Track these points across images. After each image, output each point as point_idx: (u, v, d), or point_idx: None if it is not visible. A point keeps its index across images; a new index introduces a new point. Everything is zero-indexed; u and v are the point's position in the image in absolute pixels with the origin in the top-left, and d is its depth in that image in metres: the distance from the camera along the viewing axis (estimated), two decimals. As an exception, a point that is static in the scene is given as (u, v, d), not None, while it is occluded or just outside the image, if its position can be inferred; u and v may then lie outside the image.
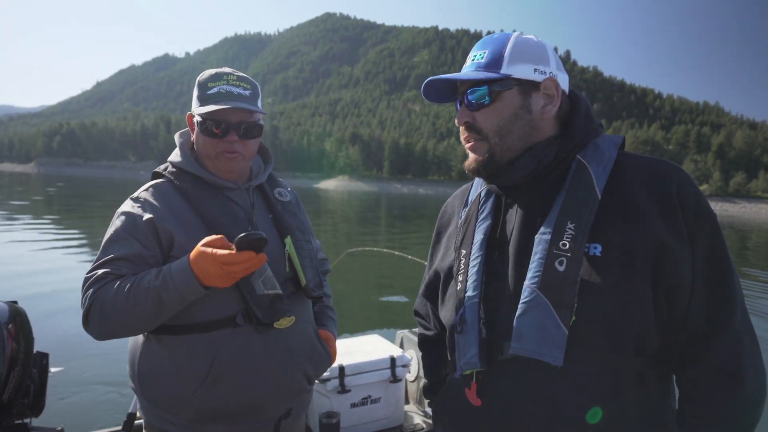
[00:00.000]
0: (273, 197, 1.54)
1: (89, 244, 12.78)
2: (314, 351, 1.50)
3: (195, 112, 1.40)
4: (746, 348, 0.92)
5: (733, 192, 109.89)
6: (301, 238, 1.51)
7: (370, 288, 9.51)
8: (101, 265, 1.29)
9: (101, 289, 1.24)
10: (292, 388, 1.44)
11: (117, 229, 1.34)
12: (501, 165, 1.03)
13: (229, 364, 1.31)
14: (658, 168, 0.97)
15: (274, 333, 1.36)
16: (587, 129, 1.03)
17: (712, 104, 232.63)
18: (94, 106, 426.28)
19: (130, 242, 1.31)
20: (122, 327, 1.26)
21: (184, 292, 1.22)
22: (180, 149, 1.47)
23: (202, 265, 1.19)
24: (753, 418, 0.93)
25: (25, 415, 1.83)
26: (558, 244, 0.93)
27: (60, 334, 5.55)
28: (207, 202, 1.39)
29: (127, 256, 1.29)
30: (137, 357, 1.38)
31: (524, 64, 1.00)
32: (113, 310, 1.22)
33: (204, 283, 1.21)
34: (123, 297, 1.21)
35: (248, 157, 1.44)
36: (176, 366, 1.32)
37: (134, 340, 1.42)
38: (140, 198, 1.39)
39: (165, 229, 1.32)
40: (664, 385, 0.99)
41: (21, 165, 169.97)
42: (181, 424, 1.34)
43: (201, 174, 1.41)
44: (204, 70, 1.44)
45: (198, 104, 1.39)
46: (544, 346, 0.90)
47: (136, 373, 1.38)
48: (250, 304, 1.32)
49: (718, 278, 0.93)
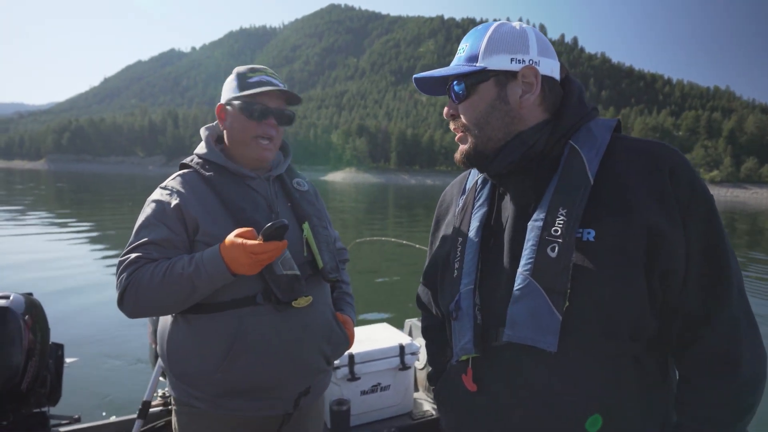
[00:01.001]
0: (291, 187, 1.63)
1: (101, 236, 12.96)
2: (332, 332, 1.56)
3: (234, 97, 1.48)
4: (743, 331, 0.92)
5: (745, 178, 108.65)
6: (318, 224, 1.59)
7: (378, 277, 9.51)
8: (133, 249, 1.38)
9: (135, 273, 1.34)
10: (310, 366, 1.50)
11: (147, 215, 1.43)
12: (487, 154, 1.04)
13: (250, 340, 1.38)
14: (651, 151, 0.96)
15: (293, 312, 1.44)
16: (580, 114, 1.02)
17: (723, 89, 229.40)
18: (102, 102, 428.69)
19: (160, 228, 1.40)
20: (155, 308, 1.37)
21: (215, 278, 1.31)
22: (205, 142, 1.57)
23: (234, 255, 1.29)
24: (751, 402, 0.92)
25: (43, 404, 1.89)
26: (550, 231, 0.93)
27: (75, 325, 5.65)
28: (230, 189, 1.47)
29: (157, 241, 1.38)
30: (166, 336, 1.47)
31: (500, 55, 1.00)
32: (148, 293, 1.32)
33: (233, 271, 1.31)
34: (157, 281, 1.31)
35: (277, 146, 1.55)
36: (201, 343, 1.40)
37: (163, 321, 1.51)
38: (168, 186, 1.48)
39: (190, 214, 1.41)
40: (662, 370, 0.99)
41: (31, 162, 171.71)
42: (206, 399, 1.42)
43: (225, 164, 1.51)
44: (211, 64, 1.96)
45: (237, 91, 1.49)
46: (537, 332, 0.90)
47: (165, 351, 1.47)
48: (269, 284, 1.40)
49: (713, 262, 0.92)
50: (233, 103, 1.49)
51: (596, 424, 0.92)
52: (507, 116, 1.01)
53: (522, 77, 1.00)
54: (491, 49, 1.01)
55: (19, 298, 1.80)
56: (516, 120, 1.02)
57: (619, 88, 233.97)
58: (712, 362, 0.92)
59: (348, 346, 1.65)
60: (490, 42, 1.01)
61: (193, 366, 1.41)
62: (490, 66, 1.00)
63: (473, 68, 1.01)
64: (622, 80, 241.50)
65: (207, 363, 1.39)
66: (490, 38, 1.01)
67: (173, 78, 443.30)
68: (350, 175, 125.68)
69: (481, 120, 1.02)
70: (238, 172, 1.51)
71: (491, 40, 1.01)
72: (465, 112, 1.04)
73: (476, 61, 1.02)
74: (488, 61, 1.00)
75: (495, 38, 1.01)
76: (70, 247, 11.24)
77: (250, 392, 1.42)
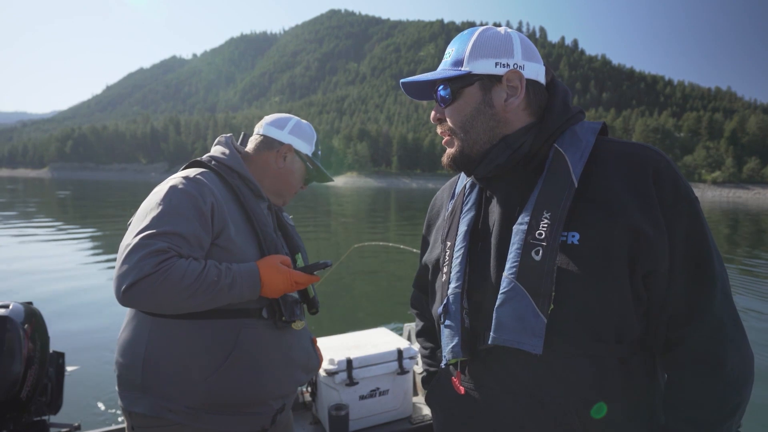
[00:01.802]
0: (283, 218, 1.69)
1: (103, 244, 13.08)
2: (312, 354, 1.63)
3: (310, 157, 1.66)
4: (727, 332, 0.92)
5: (747, 178, 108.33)
6: (306, 257, 1.69)
7: (377, 282, 9.52)
8: (160, 236, 1.24)
9: (165, 265, 1.20)
10: (291, 384, 1.52)
11: (179, 203, 1.30)
12: (473, 158, 1.05)
13: (246, 353, 1.37)
14: (635, 154, 0.97)
15: (290, 332, 1.49)
16: (564, 117, 1.03)
17: (724, 89, 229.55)
18: (104, 110, 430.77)
19: (192, 222, 1.30)
20: (165, 305, 1.23)
21: (245, 295, 1.32)
22: (229, 149, 1.53)
23: (275, 279, 1.34)
24: (737, 402, 0.92)
25: (43, 413, 1.88)
26: (534, 234, 0.93)
27: (75, 333, 5.68)
28: (252, 204, 1.48)
29: (187, 235, 1.27)
30: (145, 340, 1.34)
31: (485, 59, 1.01)
32: (173, 291, 1.20)
33: (263, 292, 1.34)
34: (188, 282, 1.21)
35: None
36: (192, 350, 1.33)
37: (134, 326, 1.38)
38: (200, 180, 1.38)
39: (222, 217, 1.36)
40: (649, 371, 0.99)
41: (35, 170, 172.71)
42: (182, 411, 1.33)
43: (250, 177, 1.50)
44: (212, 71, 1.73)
45: (310, 151, 1.66)
46: (522, 335, 0.91)
47: (143, 357, 1.33)
48: (280, 302, 1.43)
49: (696, 263, 0.92)
50: (303, 158, 1.63)
51: (601, 411, 0.93)
52: (492, 120, 1.02)
53: (507, 81, 1.01)
54: (476, 54, 1.02)
55: (18, 307, 1.81)
56: (501, 124, 1.03)
57: (620, 90, 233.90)
58: (696, 363, 0.92)
59: (319, 367, 1.71)
60: (475, 46, 1.02)
61: (176, 375, 1.32)
62: (475, 70, 1.01)
63: (458, 72, 1.02)
64: (623, 82, 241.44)
65: (195, 372, 1.32)
66: (475, 43, 1.03)
67: (175, 85, 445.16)
68: (352, 180, 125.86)
69: (467, 123, 1.03)
70: (256, 191, 1.52)
71: (476, 45, 1.03)
72: (451, 115, 1.05)
73: (461, 66, 1.03)
74: (473, 65, 1.02)
75: (479, 43, 1.02)
76: (73, 254, 11.29)
77: (231, 406, 1.39)
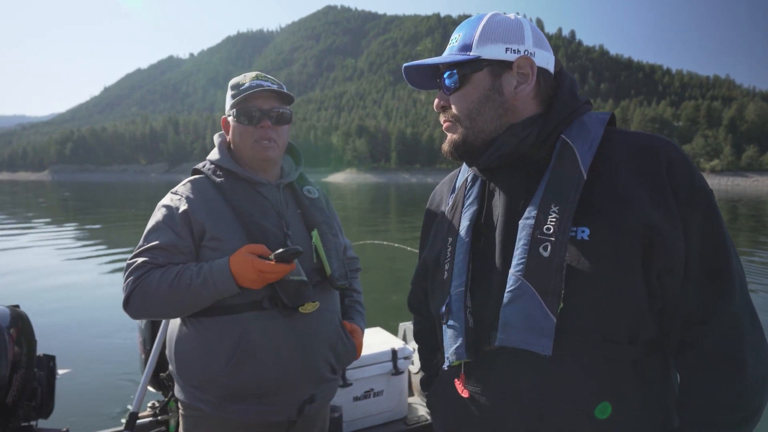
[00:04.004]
0: (302, 194, 1.64)
1: (102, 244, 13.29)
2: (338, 340, 1.55)
3: (229, 106, 1.54)
4: (746, 332, 0.87)
5: (745, 166, 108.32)
6: (328, 231, 1.60)
7: (373, 281, 9.41)
8: (141, 253, 1.41)
9: (142, 278, 1.37)
10: (314, 374, 1.49)
11: (157, 220, 1.46)
12: (477, 146, 1.01)
13: (255, 345, 1.39)
14: (647, 144, 0.92)
15: (299, 317, 1.44)
16: (571, 107, 0.98)
17: (722, 77, 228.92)
18: (102, 111, 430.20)
19: (167, 232, 1.43)
20: (160, 314, 1.43)
21: (222, 290, 1.35)
22: (218, 148, 1.59)
23: (242, 270, 1.33)
24: (756, 406, 0.87)
25: (33, 418, 1.84)
26: (542, 229, 0.89)
27: (68, 336, 5.65)
28: (239, 194, 1.49)
29: (163, 245, 1.41)
30: (174, 339, 1.49)
31: (495, 44, 0.97)
32: (154, 300, 1.35)
33: (240, 284, 1.35)
34: (164, 289, 1.34)
35: (281, 146, 1.56)
36: (206, 346, 1.41)
37: (172, 324, 1.53)
38: (178, 192, 1.51)
39: (197, 220, 1.43)
40: (663, 373, 0.95)
41: (35, 173, 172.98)
42: (211, 402, 1.43)
43: (236, 170, 1.52)
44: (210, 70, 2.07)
45: (231, 101, 1.53)
46: (531, 335, 0.87)
47: (173, 354, 1.49)
48: (276, 289, 1.40)
49: (713, 260, 0.88)
50: (231, 113, 1.53)
51: (606, 411, 0.89)
52: (500, 108, 0.98)
53: (517, 68, 0.97)
54: (486, 38, 0.98)
55: (4, 311, 1.80)
56: (509, 112, 0.99)
57: (618, 81, 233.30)
58: (714, 364, 0.87)
59: (355, 356, 1.64)
60: (485, 31, 0.98)
61: (199, 369, 1.43)
62: (485, 55, 0.97)
63: (467, 57, 0.98)
64: (620, 72, 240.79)
65: (212, 366, 1.40)
66: (485, 27, 0.98)
67: (173, 85, 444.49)
68: (351, 176, 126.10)
69: (474, 111, 0.99)
70: (248, 178, 1.52)
71: (485, 29, 0.98)
72: (457, 102, 1.01)
73: (470, 50, 0.98)
74: (482, 50, 0.98)
75: (489, 27, 0.98)
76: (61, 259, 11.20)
77: (253, 397, 1.43)
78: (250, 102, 1.49)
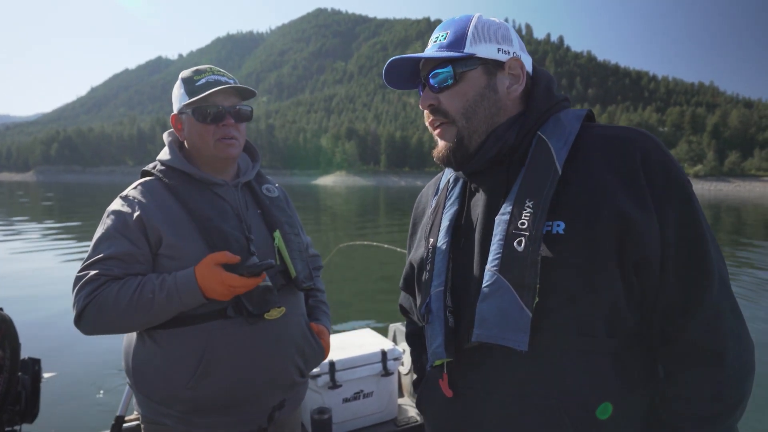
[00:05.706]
0: (261, 193, 1.56)
1: (77, 247, 13.39)
2: (306, 343, 1.51)
3: (184, 104, 1.41)
4: (727, 321, 0.87)
5: (728, 171, 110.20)
6: (290, 231, 1.53)
7: (363, 282, 9.50)
8: (92, 265, 1.30)
9: (97, 293, 1.27)
10: (283, 380, 1.44)
11: (107, 227, 1.35)
12: (470, 151, 1.00)
13: (220, 355, 1.33)
14: (621, 137, 0.92)
15: (265, 324, 1.38)
16: (548, 104, 0.99)
17: (707, 84, 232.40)
18: (89, 112, 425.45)
19: (120, 241, 1.32)
20: (117, 329, 1.31)
21: (187, 303, 1.28)
22: (169, 147, 1.49)
23: (210, 285, 1.26)
24: (739, 395, 0.87)
25: (16, 422, 1.79)
26: (516, 224, 0.89)
27: (53, 339, 5.54)
28: (195, 198, 1.40)
29: (118, 255, 1.31)
30: (131, 353, 1.40)
31: (488, 44, 0.97)
32: (111, 315, 1.26)
33: (207, 296, 1.29)
34: (124, 304, 1.25)
35: (242, 143, 1.48)
36: (168, 359, 1.33)
37: (128, 336, 1.44)
38: (129, 196, 1.39)
39: (153, 226, 1.33)
40: (646, 367, 0.94)
41: (20, 174, 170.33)
42: (175, 416, 1.36)
43: (190, 171, 1.42)
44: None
45: (186, 98, 1.40)
46: (507, 330, 0.86)
47: (131, 368, 1.39)
48: (241, 297, 1.34)
49: (690, 250, 0.87)
50: (186, 111, 1.43)
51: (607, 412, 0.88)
52: (494, 106, 0.98)
53: (509, 68, 0.99)
54: (478, 37, 0.97)
55: None
56: (501, 111, 0.99)
57: (606, 86, 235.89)
58: (694, 355, 0.87)
59: (323, 357, 1.60)
60: (477, 30, 0.98)
61: (160, 384, 1.34)
62: (479, 53, 0.97)
63: (462, 54, 0.97)
64: (608, 78, 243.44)
65: (175, 380, 1.33)
66: (477, 26, 0.98)
67: (161, 86, 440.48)
68: (341, 179, 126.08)
69: (469, 109, 0.98)
70: (203, 179, 1.43)
71: (477, 28, 0.98)
72: (450, 100, 0.99)
73: (461, 48, 0.97)
74: (476, 49, 0.97)
75: (481, 27, 0.99)
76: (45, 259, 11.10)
77: (221, 408, 1.37)
78: (210, 99, 1.39)
